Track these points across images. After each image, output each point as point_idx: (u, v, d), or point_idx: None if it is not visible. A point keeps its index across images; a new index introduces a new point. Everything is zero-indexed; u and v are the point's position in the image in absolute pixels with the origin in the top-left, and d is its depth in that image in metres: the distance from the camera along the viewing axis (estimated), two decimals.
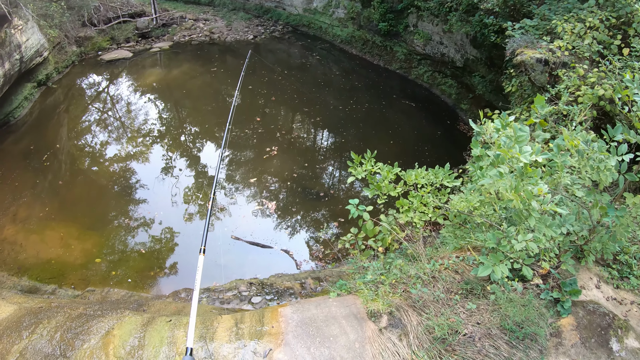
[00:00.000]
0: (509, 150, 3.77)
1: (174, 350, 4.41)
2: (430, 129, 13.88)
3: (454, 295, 4.87)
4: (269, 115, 14.65)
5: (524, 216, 3.96)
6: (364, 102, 15.15)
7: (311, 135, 14.27)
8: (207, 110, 14.77)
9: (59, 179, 11.52)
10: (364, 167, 5.06)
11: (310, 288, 6.95)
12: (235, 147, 12.91)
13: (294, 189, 11.17)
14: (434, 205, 5.20)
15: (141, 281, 8.51)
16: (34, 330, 4.78)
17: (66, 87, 15.70)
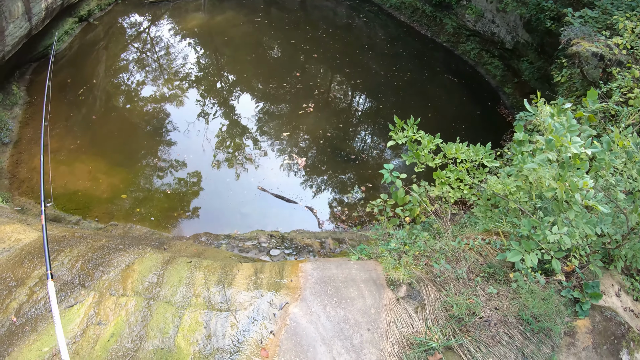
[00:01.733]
0: (560, 137, 3.69)
1: (191, 291, 4.53)
2: (470, 107, 13.59)
3: (476, 277, 4.86)
4: (309, 72, 14.52)
5: (564, 208, 3.89)
6: (406, 71, 14.87)
7: (349, 97, 14.14)
8: (246, 60, 14.72)
9: (93, 113, 11.73)
10: (406, 133, 5.00)
11: (330, 248, 7.03)
12: (272, 100, 12.91)
13: (325, 148, 11.19)
14: (469, 182, 5.14)
15: (164, 221, 8.73)
16: (55, 258, 4.93)
17: (107, 25, 15.78)
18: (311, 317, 4.31)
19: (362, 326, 4.36)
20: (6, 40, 10.66)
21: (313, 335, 4.20)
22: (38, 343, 4.08)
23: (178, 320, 4.29)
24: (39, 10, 11.81)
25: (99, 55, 14.38)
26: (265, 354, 4.04)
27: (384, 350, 4.26)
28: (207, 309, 4.37)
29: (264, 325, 4.24)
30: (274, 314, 4.32)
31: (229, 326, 4.23)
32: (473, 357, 4.26)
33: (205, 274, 4.73)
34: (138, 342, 4.15)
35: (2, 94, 11.27)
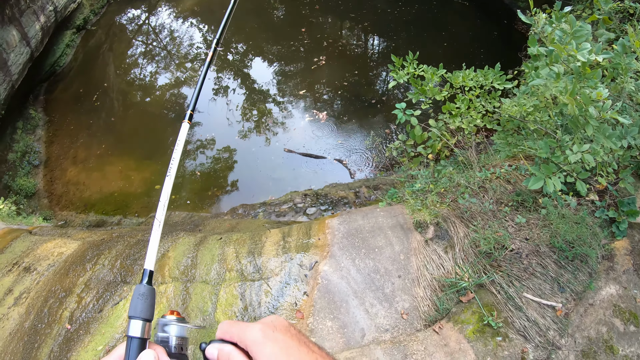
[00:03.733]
0: (564, 46, 3.50)
1: (224, 266, 4.75)
2: (486, 29, 13.07)
3: (504, 207, 4.80)
4: (315, 24, 14.32)
5: (581, 124, 3.73)
6: (413, 3, 14.39)
7: (360, 41, 13.90)
8: (251, 27, 14.64)
9: (112, 115, 12.07)
10: (406, 70, 4.86)
11: (365, 197, 7.12)
12: (283, 60, 12.90)
13: (345, 97, 11.16)
14: (483, 109, 5.02)
15: (200, 202, 9.07)
16: (96, 262, 5.28)
17: (106, 27, 15.93)
18: (341, 272, 4.44)
19: (392, 274, 4.46)
20: (11, 70, 11.04)
21: (345, 290, 4.34)
22: (93, 343, 4.41)
23: (215, 297, 4.52)
24: (35, 33, 12.13)
25: (105, 59, 14.64)
26: (300, 315, 4.22)
27: (416, 295, 4.35)
28: (241, 281, 4.58)
29: (297, 288, 4.42)
30: (305, 275, 4.48)
31: (263, 294, 4.43)
32: (506, 293, 4.26)
33: (235, 247, 4.93)
34: None
35: (22, 121, 11.75)
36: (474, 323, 4.15)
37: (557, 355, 4.05)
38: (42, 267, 5.42)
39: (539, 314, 4.22)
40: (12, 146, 11.01)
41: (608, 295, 4.41)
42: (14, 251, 5.82)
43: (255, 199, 8.73)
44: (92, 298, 4.84)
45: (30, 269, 5.42)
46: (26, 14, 11.76)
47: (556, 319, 4.19)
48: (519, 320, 4.16)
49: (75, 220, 9.15)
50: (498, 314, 4.19)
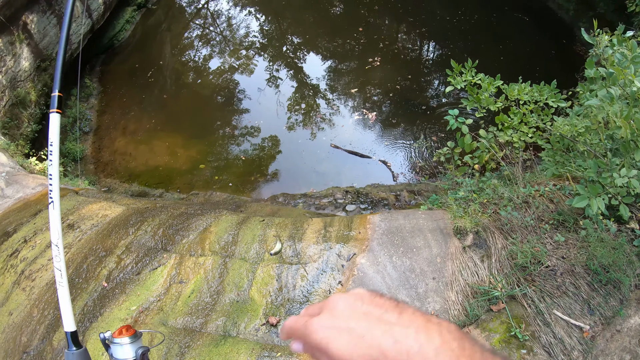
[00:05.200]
0: (623, 70, 3.58)
1: (263, 247, 4.96)
2: (544, 46, 12.92)
3: (544, 224, 4.85)
4: (372, 25, 14.43)
5: (631, 148, 3.78)
6: (472, 13, 14.35)
7: (416, 46, 13.94)
8: (308, 21, 14.87)
9: (164, 93, 12.49)
10: (464, 77, 4.96)
11: (405, 201, 7.23)
12: (337, 57, 13.08)
13: (396, 100, 11.26)
14: (535, 124, 5.08)
15: (242, 185, 9.34)
16: (139, 227, 5.57)
17: (166, 7, 16.41)
18: (378, 267, 4.59)
19: (427, 275, 4.58)
20: (72, 39, 11.60)
21: (379, 284, 4.49)
22: (127, 303, 4.68)
23: (252, 275, 4.73)
24: (98, 6, 12.79)
25: (162, 38, 15.11)
26: None
27: (448, 299, 4.47)
28: (279, 263, 4.78)
29: (332, 276, 4.59)
30: (342, 265, 4.65)
31: (299, 278, 4.61)
32: (537, 307, 4.33)
33: (277, 230, 5.14)
34: (216, 297, 4.64)
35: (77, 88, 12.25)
36: (502, 333, 4.24)
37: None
38: (85, 226, 5.72)
39: (566, 332, 4.27)
40: (65, 111, 11.51)
41: (636, 324, 4.42)
42: None
43: (296, 189, 8.95)
44: (132, 260, 5.11)
45: (74, 227, 5.73)
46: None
47: (582, 340, 4.23)
48: (546, 336, 4.22)
49: (119, 189, 9.54)
50: (526, 327, 4.27)
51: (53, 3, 11.03)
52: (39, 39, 10.59)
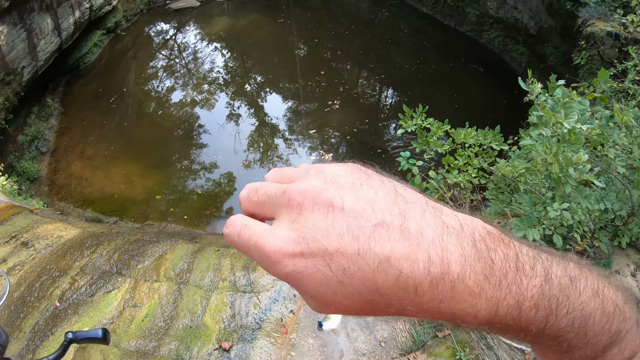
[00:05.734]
0: (554, 114, 3.91)
1: (218, 276, 5.05)
2: (497, 96, 13.66)
3: None
4: (334, 69, 14.92)
5: (562, 182, 4.10)
6: (431, 63, 15.08)
7: (375, 92, 14.45)
8: (272, 62, 15.24)
9: (125, 120, 12.49)
10: (415, 121, 5.23)
11: None
12: (298, 98, 13.40)
13: (353, 143, 11.58)
14: (479, 166, 5.38)
15: (197, 219, 9.32)
16: (94, 250, 5.56)
17: (134, 35, 16.56)
18: None
19: None
20: (38, 56, 11.60)
21: None
22: (79, 324, 4.64)
23: (206, 302, 4.79)
24: (68, 26, 12.81)
25: (128, 65, 15.18)
26: (284, 330, 4.50)
27: (396, 327, 4.65)
28: (233, 291, 4.87)
29: (284, 305, 4.70)
30: (294, 295, 4.77)
31: (252, 306, 4.71)
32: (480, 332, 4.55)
33: (231, 260, 5.24)
34: (169, 321, 4.67)
35: (38, 107, 12.18)
36: (447, 357, 4.43)
37: None
38: (40, 245, 5.66)
39: (509, 355, 4.49)
40: (24, 129, 11.37)
41: None
42: (14, 225, 6.05)
43: None
44: (86, 282, 5.09)
45: (28, 245, 5.66)
46: (63, 5, 12.40)
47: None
48: (489, 359, 4.45)
49: (72, 213, 9.37)
50: (470, 350, 4.47)
51: (25, 17, 10.98)
52: (6, 52, 10.50)
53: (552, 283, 0.54)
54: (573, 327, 0.57)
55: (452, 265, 0.47)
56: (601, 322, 0.59)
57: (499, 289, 0.50)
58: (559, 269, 0.56)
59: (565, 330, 0.56)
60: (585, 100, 4.13)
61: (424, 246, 0.46)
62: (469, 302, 0.49)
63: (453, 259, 0.47)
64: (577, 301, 0.56)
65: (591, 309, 0.58)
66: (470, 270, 0.48)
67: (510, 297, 0.51)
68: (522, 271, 0.52)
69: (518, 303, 0.51)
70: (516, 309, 0.51)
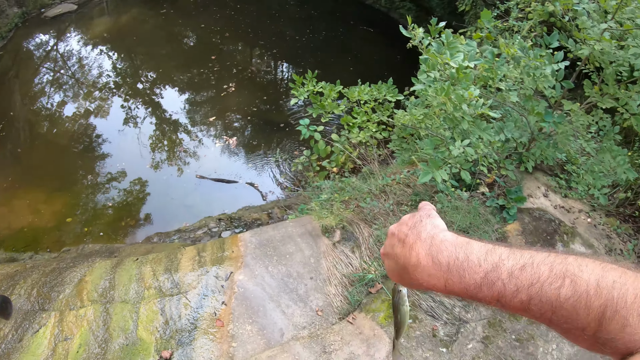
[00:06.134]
0: (440, 55, 3.98)
1: (142, 285, 4.89)
2: (390, 53, 13.95)
3: (404, 207, 5.32)
4: (225, 52, 14.64)
5: (458, 120, 4.24)
6: (320, 31, 15.16)
7: (269, 68, 14.38)
8: (161, 55, 14.71)
9: (18, 147, 11.65)
10: (306, 88, 5.22)
11: (278, 217, 7.40)
12: (193, 88, 13.08)
13: (255, 122, 11.49)
14: (377, 120, 5.49)
15: (114, 233, 8.93)
16: (12, 292, 5.21)
17: (13, 52, 15.37)
18: (256, 280, 4.73)
19: (304, 276, 4.81)
20: None
21: (261, 295, 4.62)
22: None
23: (136, 315, 4.64)
24: None
25: (11, 86, 14.11)
26: (220, 323, 4.45)
27: (329, 293, 4.72)
28: (160, 297, 4.74)
29: (214, 298, 4.64)
30: (222, 286, 4.72)
31: (183, 307, 4.61)
32: None
33: (152, 266, 5.08)
34: (104, 345, 4.50)
35: None
36: (385, 310, 4.57)
37: (465, 328, 4.53)
38: None
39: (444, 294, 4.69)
40: None
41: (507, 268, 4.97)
42: None
43: (170, 226, 8.74)
44: (11, 328, 4.79)
45: None
46: None
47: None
48: (426, 302, 4.63)
49: None
50: None
51: None
52: None
53: (499, 270, 0.81)
54: (537, 302, 0.76)
55: (422, 260, 0.92)
56: (572, 300, 0.73)
57: (449, 274, 0.87)
58: (510, 261, 0.81)
59: (528, 303, 0.77)
60: (472, 41, 4.26)
61: (414, 252, 0.93)
62: (432, 281, 0.91)
63: (422, 255, 0.92)
64: (526, 282, 0.77)
65: (554, 288, 0.74)
66: (432, 263, 0.90)
67: (458, 282, 0.86)
68: (468, 267, 0.85)
69: (465, 287, 0.85)
70: (464, 289, 0.86)
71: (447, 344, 4.38)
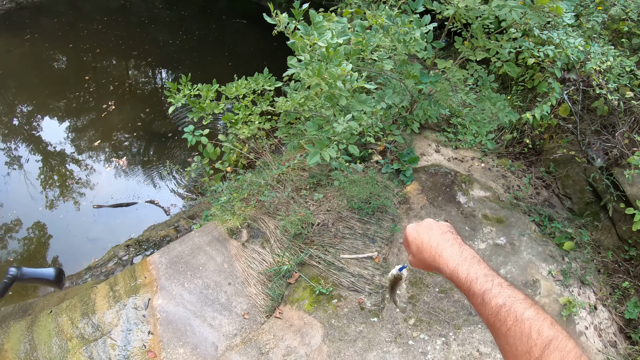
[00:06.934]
0: (307, 37, 3.99)
1: (63, 337, 4.69)
2: (266, 43, 13.82)
3: (303, 191, 5.40)
4: (99, 69, 13.94)
5: (336, 97, 4.30)
6: (194, 31, 14.80)
7: (148, 78, 13.89)
8: (34, 84, 13.75)
9: None
10: (182, 93, 5.08)
11: (185, 229, 7.27)
12: (72, 114, 12.37)
13: (142, 137, 11.07)
14: (259, 111, 5.48)
15: (23, 289, 8.40)
16: None
17: None
18: (176, 300, 4.68)
19: (222, 284, 4.81)
20: None
21: (184, 314, 4.59)
22: None
23: None
24: None
25: None
26: (152, 355, 4.38)
27: (250, 294, 4.77)
28: (84, 344, 4.57)
29: (139, 330, 4.54)
30: (143, 315, 4.63)
31: (110, 349, 4.48)
32: (325, 261, 4.86)
33: (68, 314, 4.88)
34: None
35: None
36: (308, 297, 4.68)
37: None
38: None
39: (361, 267, 4.87)
40: None
41: None
42: None
43: (79, 266, 8.29)
44: None
45: None
46: None
47: (377, 265, 4.87)
48: (346, 279, 4.77)
49: None
50: (325, 281, 4.76)
51: None
52: None
53: (460, 265, 1.24)
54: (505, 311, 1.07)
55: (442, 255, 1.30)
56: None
57: (461, 264, 1.24)
58: (478, 271, 1.20)
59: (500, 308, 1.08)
60: (343, 18, 4.32)
61: (430, 250, 1.34)
62: (444, 268, 1.27)
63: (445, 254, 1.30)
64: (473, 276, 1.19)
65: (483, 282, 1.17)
66: (445, 255, 1.29)
67: (445, 268, 1.27)
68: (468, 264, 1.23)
69: (445, 270, 1.27)
70: (456, 277, 1.22)
71: (377, 313, 4.58)
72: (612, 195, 5.30)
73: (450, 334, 4.49)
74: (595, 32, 5.79)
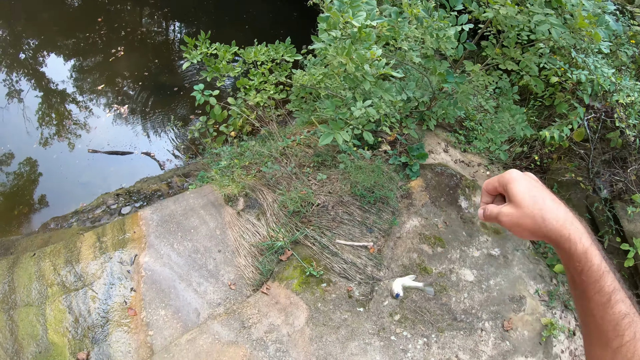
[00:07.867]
0: (341, 14, 3.82)
1: (44, 283, 4.55)
2: (286, 10, 13.47)
3: (306, 169, 5.25)
4: (112, 12, 13.58)
5: (360, 80, 4.15)
6: None
7: (160, 28, 13.53)
8: (43, 19, 13.40)
9: None
10: (199, 50, 4.90)
11: (178, 186, 7.12)
12: (79, 54, 12.04)
13: (146, 87, 10.78)
14: (275, 81, 5.30)
15: (7, 224, 8.21)
16: None
17: None
18: (163, 260, 4.55)
19: (212, 250, 4.69)
20: None
21: (170, 276, 4.47)
22: None
23: (43, 318, 4.33)
24: None
25: None
26: (132, 312, 4.26)
27: (239, 265, 4.65)
28: (65, 293, 4.44)
29: (122, 286, 4.42)
30: (128, 271, 4.50)
31: (91, 301, 4.36)
32: (320, 243, 4.73)
33: (51, 260, 4.73)
34: (16, 358, 4.16)
35: None
36: (298, 277, 4.57)
37: (379, 286, 4.64)
38: None
39: (355, 255, 4.76)
40: None
41: (412, 227, 5.12)
42: None
43: (66, 209, 8.10)
44: None
45: None
46: None
47: (370, 256, 4.77)
48: (338, 265, 4.67)
49: None
50: (317, 263, 4.65)
51: None
52: None
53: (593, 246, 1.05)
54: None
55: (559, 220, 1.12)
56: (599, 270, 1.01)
57: (579, 237, 1.06)
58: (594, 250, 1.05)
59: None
60: (372, 0, 4.13)
61: (557, 218, 1.11)
62: (576, 244, 1.04)
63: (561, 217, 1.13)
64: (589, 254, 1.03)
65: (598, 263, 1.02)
66: (567, 224, 1.09)
67: (578, 243, 1.04)
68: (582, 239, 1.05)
69: (577, 244, 1.04)
70: (590, 260, 1.02)
71: (364, 303, 4.49)
72: (612, 228, 5.25)
73: (432, 335, 4.42)
74: (624, 65, 5.72)
